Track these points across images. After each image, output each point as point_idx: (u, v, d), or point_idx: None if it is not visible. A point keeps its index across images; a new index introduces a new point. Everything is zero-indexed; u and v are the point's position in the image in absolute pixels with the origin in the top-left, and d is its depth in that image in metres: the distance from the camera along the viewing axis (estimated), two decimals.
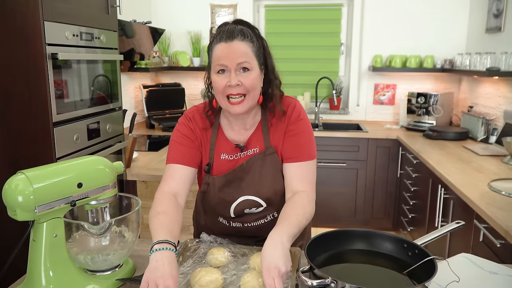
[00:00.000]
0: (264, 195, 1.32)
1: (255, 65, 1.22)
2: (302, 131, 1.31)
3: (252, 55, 1.21)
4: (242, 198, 1.33)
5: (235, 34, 1.19)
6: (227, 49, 1.18)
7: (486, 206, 1.78)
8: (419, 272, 1.08)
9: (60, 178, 1.06)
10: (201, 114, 1.35)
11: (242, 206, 1.34)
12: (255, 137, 1.33)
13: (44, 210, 1.03)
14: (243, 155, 1.32)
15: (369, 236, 1.23)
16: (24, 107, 1.72)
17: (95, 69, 2.09)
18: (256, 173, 1.30)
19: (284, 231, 1.09)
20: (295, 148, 1.30)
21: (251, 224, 1.37)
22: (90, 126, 2.03)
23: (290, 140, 1.31)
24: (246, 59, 1.19)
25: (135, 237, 1.22)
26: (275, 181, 1.31)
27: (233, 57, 1.18)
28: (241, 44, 1.19)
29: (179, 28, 4.17)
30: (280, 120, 1.32)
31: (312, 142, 1.33)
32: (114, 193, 1.18)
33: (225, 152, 1.33)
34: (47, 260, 1.06)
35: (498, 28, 3.13)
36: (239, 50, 1.18)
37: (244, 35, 1.21)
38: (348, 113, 4.18)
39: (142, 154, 2.81)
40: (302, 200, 1.23)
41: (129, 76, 3.78)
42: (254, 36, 1.24)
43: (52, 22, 1.70)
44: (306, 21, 4.14)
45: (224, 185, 1.32)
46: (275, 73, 1.30)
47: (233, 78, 1.19)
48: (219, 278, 1.11)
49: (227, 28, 1.22)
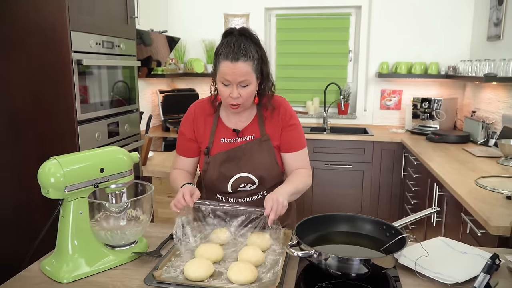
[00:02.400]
0: (258, 173, 1.57)
1: (253, 79, 1.45)
2: (295, 126, 1.60)
3: (252, 72, 1.43)
4: (239, 175, 1.57)
5: (239, 56, 1.39)
6: (232, 68, 1.40)
7: (473, 201, 1.91)
8: (394, 250, 1.24)
9: (86, 163, 1.26)
10: (208, 103, 1.62)
11: (239, 181, 1.58)
12: (251, 127, 1.59)
13: (72, 190, 1.22)
14: (239, 140, 1.58)
15: (352, 220, 1.39)
16: (52, 107, 1.93)
17: (115, 75, 2.31)
18: (253, 155, 1.56)
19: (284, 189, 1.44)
20: (291, 140, 1.60)
21: (244, 200, 1.61)
22: (110, 126, 2.24)
23: (287, 135, 1.59)
24: (246, 78, 1.42)
25: (148, 217, 1.40)
26: (268, 163, 1.57)
27: (236, 76, 1.41)
28: (243, 65, 1.40)
29: (194, 36, 4.39)
30: (272, 114, 1.58)
31: (303, 133, 1.64)
32: (131, 178, 1.37)
33: (224, 136, 1.59)
34: (74, 233, 1.25)
35: (498, 36, 3.26)
36: (241, 71, 1.40)
37: (247, 55, 1.40)
38: (355, 118, 4.32)
39: (157, 153, 3.02)
40: (302, 173, 1.57)
41: (147, 82, 4.01)
42: (256, 51, 1.43)
43: (78, 32, 1.91)
44: (315, 29, 4.32)
45: (224, 161, 1.56)
46: (269, 78, 1.53)
47: (234, 91, 1.44)
48: (219, 252, 1.28)
49: (233, 43, 1.40)
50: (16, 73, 1.93)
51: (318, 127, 4.19)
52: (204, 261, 1.21)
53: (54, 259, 1.26)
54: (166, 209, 2.58)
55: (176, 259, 1.29)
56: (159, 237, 1.50)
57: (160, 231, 1.55)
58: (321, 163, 3.76)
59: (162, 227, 1.60)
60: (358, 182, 3.79)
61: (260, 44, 1.47)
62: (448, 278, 1.15)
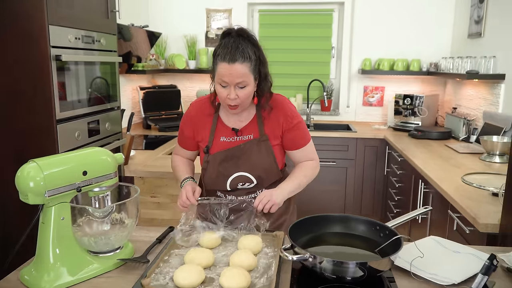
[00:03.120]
0: (256, 173, 1.58)
1: (251, 80, 1.45)
2: (298, 125, 1.61)
3: (249, 73, 1.42)
4: (237, 174, 1.58)
5: (236, 57, 1.38)
6: (229, 70, 1.39)
7: (460, 198, 1.92)
8: (389, 251, 1.22)
9: (67, 166, 1.19)
10: (207, 102, 1.62)
11: (237, 180, 1.59)
12: (250, 127, 1.59)
13: (53, 195, 1.15)
14: (238, 139, 1.58)
15: (345, 220, 1.36)
16: (30, 104, 1.84)
17: (95, 71, 2.22)
18: (251, 154, 1.56)
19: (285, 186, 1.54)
20: (295, 139, 1.62)
21: (242, 198, 1.60)
22: (91, 124, 2.15)
23: (292, 135, 1.61)
24: (243, 79, 1.42)
25: (134, 222, 1.34)
26: (267, 162, 1.58)
27: (233, 77, 1.41)
28: (240, 66, 1.39)
29: (176, 31, 4.31)
30: (270, 114, 1.58)
31: (305, 129, 1.65)
32: (115, 181, 1.31)
33: (224, 135, 1.59)
34: (55, 241, 1.18)
35: (479, 33, 3.29)
36: (239, 72, 1.40)
37: (244, 57, 1.40)
38: (338, 114, 4.32)
39: (139, 152, 2.94)
40: (307, 166, 1.66)
41: (127, 78, 3.91)
42: (253, 52, 1.42)
43: (56, 26, 1.83)
44: (298, 25, 4.29)
45: (223, 160, 1.58)
46: (267, 78, 1.53)
47: (232, 93, 1.44)
48: (210, 256, 1.24)
49: (230, 44, 1.40)
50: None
51: None
52: (195, 267, 1.16)
53: (34, 268, 1.19)
54: (150, 209, 2.52)
55: (164, 265, 1.23)
56: (145, 241, 1.44)
57: (146, 235, 1.49)
58: None
59: (148, 230, 1.54)
60: (341, 179, 3.79)
61: (258, 45, 1.46)
62: (444, 280, 1.14)
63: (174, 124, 3.82)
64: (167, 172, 2.48)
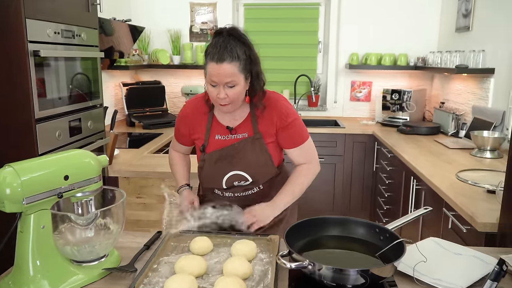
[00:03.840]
0: (251, 171, 1.56)
1: (241, 80, 1.42)
2: (294, 123, 1.57)
3: (238, 72, 1.40)
4: (233, 172, 1.57)
5: (225, 57, 1.37)
6: (217, 69, 1.38)
7: (454, 195, 1.89)
8: (390, 255, 1.17)
9: (47, 170, 1.10)
10: (202, 101, 1.61)
11: (232, 179, 1.58)
12: (244, 125, 1.57)
13: (32, 202, 1.06)
14: (233, 138, 1.56)
15: (344, 223, 1.31)
16: (6, 103, 1.73)
17: (76, 67, 2.11)
18: (246, 153, 1.54)
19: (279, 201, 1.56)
20: (291, 137, 1.58)
21: (240, 194, 1.62)
22: (72, 123, 2.05)
23: (287, 133, 1.57)
24: (232, 79, 1.40)
25: (120, 228, 1.26)
26: (261, 161, 1.56)
27: (221, 77, 1.39)
28: (229, 66, 1.38)
29: (159, 26, 4.19)
30: (263, 113, 1.55)
31: (302, 126, 1.61)
32: (99, 185, 1.22)
33: (219, 133, 1.58)
34: (35, 251, 1.09)
35: (467, 27, 3.28)
36: (227, 72, 1.38)
37: (233, 56, 1.38)
38: (326, 110, 4.28)
39: (123, 151, 2.83)
40: (302, 172, 1.61)
41: (109, 74, 3.78)
42: (243, 52, 1.40)
43: (34, 20, 1.72)
44: (284, 19, 4.22)
45: (218, 159, 1.57)
46: (259, 77, 1.50)
47: (221, 92, 1.42)
48: (203, 264, 1.16)
49: (219, 44, 1.39)
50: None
51: None
52: (186, 277, 1.08)
53: (12, 281, 1.10)
54: (135, 210, 2.43)
55: (153, 274, 1.16)
56: (132, 247, 1.36)
57: (133, 240, 1.41)
58: None
59: (134, 236, 1.46)
60: (330, 175, 3.75)
61: (249, 44, 1.44)
62: (449, 285, 1.09)
63: (159, 121, 3.72)
64: (153, 172, 2.40)
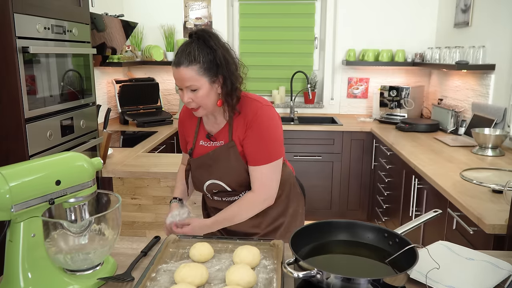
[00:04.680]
0: (227, 181, 1.50)
1: (204, 83, 1.37)
2: (259, 137, 1.44)
3: (199, 76, 1.36)
4: (210, 181, 1.53)
5: (181, 61, 1.35)
6: (176, 73, 1.38)
7: (459, 195, 1.84)
8: (400, 260, 1.11)
9: (37, 175, 1.03)
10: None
11: (211, 187, 1.55)
12: (222, 132, 1.51)
13: (21, 209, 0.99)
14: (212, 144, 1.52)
15: (351, 227, 1.25)
16: None
17: (67, 63, 2.03)
18: (220, 162, 1.49)
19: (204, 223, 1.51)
20: (251, 153, 1.46)
21: (226, 199, 1.57)
22: (64, 122, 1.97)
23: (247, 146, 1.46)
24: (191, 83, 1.37)
25: (115, 235, 1.19)
26: (236, 170, 1.48)
27: (181, 81, 1.38)
28: (186, 70, 1.35)
29: (152, 21, 4.10)
30: (238, 119, 1.47)
31: (269, 147, 1.44)
32: (93, 190, 1.15)
33: (202, 139, 1.56)
34: (25, 261, 1.02)
35: (466, 23, 3.23)
36: (185, 76, 1.36)
37: (190, 60, 1.34)
38: (322, 107, 4.22)
39: (117, 150, 2.76)
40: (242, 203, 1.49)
41: (101, 71, 3.69)
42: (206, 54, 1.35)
43: (22, 15, 1.63)
44: (280, 15, 4.15)
45: (197, 167, 1.55)
46: (232, 79, 1.40)
47: (185, 96, 1.40)
48: (204, 273, 1.10)
49: (181, 47, 1.38)
50: None
51: (285, 117, 4.04)
52: (186, 287, 1.02)
53: None
54: (130, 212, 2.35)
55: (152, 284, 1.09)
56: (129, 254, 1.29)
57: (129, 247, 1.35)
58: (290, 155, 3.64)
59: (131, 241, 1.39)
60: (327, 174, 3.70)
61: (215, 46, 1.37)
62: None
63: (153, 119, 3.64)
64: (148, 172, 2.32)
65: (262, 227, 1.55)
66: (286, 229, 1.59)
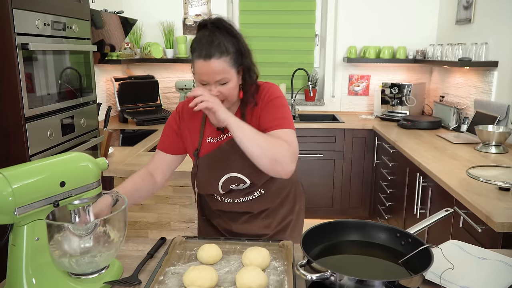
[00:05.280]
0: (247, 172, 1.40)
1: (232, 75, 1.31)
2: (274, 99, 1.38)
3: (229, 67, 1.28)
4: (228, 175, 1.42)
5: (212, 53, 1.25)
6: (206, 67, 1.26)
7: (466, 193, 1.82)
8: (413, 261, 1.09)
9: (41, 176, 0.99)
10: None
11: (228, 182, 1.43)
12: None
13: (25, 212, 0.96)
14: (224, 137, 1.42)
15: (362, 227, 1.22)
16: None
17: (67, 61, 1.99)
18: (238, 152, 1.34)
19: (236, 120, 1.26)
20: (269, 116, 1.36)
21: (240, 200, 1.47)
22: (64, 121, 1.93)
23: (266, 113, 1.37)
24: (223, 75, 1.28)
25: (122, 237, 1.16)
26: None
27: (211, 75, 1.27)
28: (218, 62, 1.26)
29: (151, 18, 4.05)
30: (253, 109, 1.40)
31: (288, 114, 1.39)
32: (98, 191, 1.12)
33: (210, 136, 1.45)
34: (29, 266, 0.99)
35: (468, 19, 3.21)
36: (216, 69, 1.26)
37: (221, 51, 1.26)
38: (323, 104, 4.19)
39: (117, 149, 2.72)
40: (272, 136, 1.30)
41: (100, 69, 3.65)
42: (232, 44, 1.29)
43: (21, 10, 1.59)
44: (280, 12, 4.11)
45: (209, 165, 1.44)
46: (251, 70, 1.36)
47: (213, 90, 1.29)
48: (214, 276, 1.07)
49: (205, 38, 1.27)
50: None
51: None
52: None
53: None
54: (132, 212, 2.32)
55: (160, 287, 1.06)
56: (134, 256, 1.26)
57: (135, 249, 1.32)
58: None
59: (136, 243, 1.36)
60: (329, 171, 3.68)
61: (237, 35, 1.32)
62: None
63: (153, 117, 3.60)
64: None
65: (272, 227, 1.51)
66: (293, 227, 1.57)
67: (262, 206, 1.49)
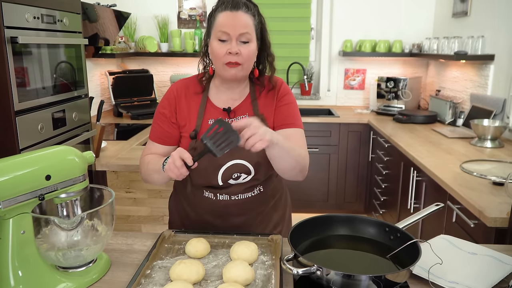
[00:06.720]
0: (253, 159, 1.33)
1: (254, 38, 1.28)
2: (292, 102, 1.41)
3: (253, 28, 1.27)
4: (232, 162, 1.33)
5: (240, 5, 1.25)
6: (232, 17, 1.24)
7: (459, 188, 1.81)
8: (402, 255, 1.09)
9: (26, 170, 0.99)
10: (194, 81, 1.41)
11: (231, 170, 1.34)
12: (243, 106, 1.38)
13: (10, 206, 0.95)
14: (231, 121, 1.33)
15: (351, 221, 1.22)
16: None
17: (58, 54, 1.98)
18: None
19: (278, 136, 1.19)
20: (287, 116, 1.37)
21: (238, 197, 1.37)
22: (55, 115, 1.92)
23: (282, 110, 1.38)
24: (248, 30, 1.25)
25: (109, 230, 1.16)
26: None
27: (237, 26, 1.23)
28: (245, 15, 1.25)
29: (146, 12, 4.02)
30: (267, 94, 1.39)
31: (299, 115, 1.42)
32: (85, 185, 1.11)
33: (213, 117, 1.36)
34: (15, 259, 0.99)
35: (465, 12, 3.19)
36: (243, 21, 1.24)
37: (248, 7, 1.27)
38: (319, 98, 4.18)
39: (110, 143, 2.71)
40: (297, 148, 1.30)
41: (94, 63, 3.63)
42: (256, 11, 1.30)
43: (10, 3, 1.57)
44: (275, 5, 4.08)
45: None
46: (270, 49, 1.37)
47: (233, 46, 1.24)
48: (200, 270, 1.07)
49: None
50: None
51: None
52: (183, 285, 0.99)
53: None
54: (125, 206, 2.32)
55: (147, 281, 1.06)
56: (123, 250, 1.26)
57: (124, 242, 1.31)
58: None
59: (125, 236, 1.35)
60: (324, 166, 3.68)
61: (259, 11, 1.33)
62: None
63: (148, 111, 3.58)
64: None
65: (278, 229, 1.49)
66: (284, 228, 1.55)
67: (258, 206, 1.42)
